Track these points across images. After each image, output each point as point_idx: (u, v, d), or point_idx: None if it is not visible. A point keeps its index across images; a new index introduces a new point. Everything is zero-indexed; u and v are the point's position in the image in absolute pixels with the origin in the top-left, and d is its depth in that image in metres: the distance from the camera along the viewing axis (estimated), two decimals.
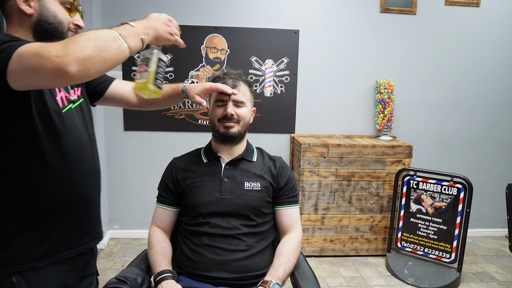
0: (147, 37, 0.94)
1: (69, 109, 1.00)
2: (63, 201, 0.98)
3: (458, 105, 2.98)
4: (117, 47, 0.84)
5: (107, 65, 0.83)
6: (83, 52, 0.77)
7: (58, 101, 0.97)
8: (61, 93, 0.99)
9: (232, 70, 1.31)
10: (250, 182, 1.27)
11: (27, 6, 0.92)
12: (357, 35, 2.82)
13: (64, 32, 0.98)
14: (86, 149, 1.04)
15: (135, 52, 0.91)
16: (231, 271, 1.18)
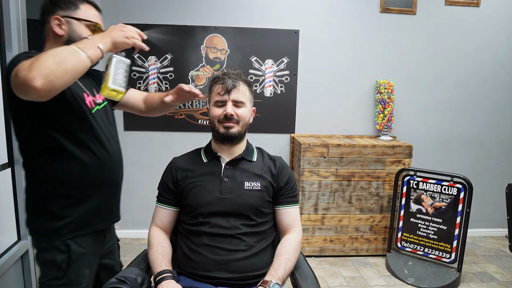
0: (104, 45, 1.05)
1: (96, 110, 1.22)
2: (100, 183, 1.22)
3: (458, 105, 2.98)
4: (75, 58, 0.98)
5: (69, 75, 0.97)
6: (42, 66, 0.91)
7: (87, 104, 1.19)
8: (89, 98, 1.21)
9: (231, 70, 1.31)
10: (250, 182, 1.27)
11: (59, 28, 1.14)
12: (357, 35, 2.82)
13: None
14: (113, 142, 1.27)
15: (96, 59, 1.04)
16: (231, 271, 1.18)
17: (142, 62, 2.72)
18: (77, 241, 1.18)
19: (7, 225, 1.47)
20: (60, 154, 1.14)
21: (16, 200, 1.52)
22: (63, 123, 1.13)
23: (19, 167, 1.50)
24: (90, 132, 1.18)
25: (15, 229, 1.52)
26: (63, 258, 1.15)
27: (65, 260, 1.16)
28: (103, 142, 1.21)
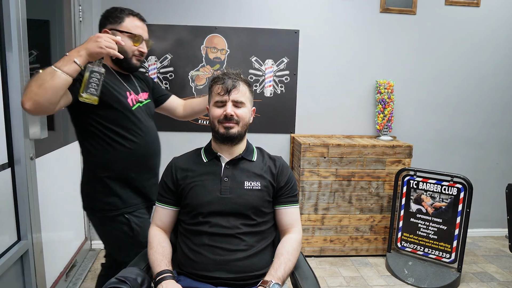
0: (80, 58, 1.19)
1: (137, 107, 1.46)
2: (145, 170, 1.48)
3: (458, 105, 2.98)
4: (52, 77, 1.15)
5: (50, 93, 1.15)
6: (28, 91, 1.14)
7: (129, 102, 1.42)
8: (131, 96, 1.44)
9: (231, 70, 1.31)
10: (250, 182, 1.27)
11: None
12: (357, 35, 2.82)
13: (128, 58, 1.41)
14: (152, 134, 1.51)
15: (74, 73, 1.19)
16: (231, 271, 1.18)
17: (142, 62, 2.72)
18: (133, 213, 1.44)
19: (7, 225, 1.47)
20: (105, 143, 1.38)
21: (16, 200, 1.52)
22: (105, 117, 1.37)
23: (19, 167, 1.50)
24: (131, 125, 1.41)
25: (15, 229, 1.52)
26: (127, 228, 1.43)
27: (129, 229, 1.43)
28: (143, 133, 1.45)
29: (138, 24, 1.42)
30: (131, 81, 1.51)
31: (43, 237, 1.70)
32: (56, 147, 2.06)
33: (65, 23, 2.28)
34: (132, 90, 1.47)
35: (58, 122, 2.15)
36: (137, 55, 1.44)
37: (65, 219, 2.24)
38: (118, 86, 1.41)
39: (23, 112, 1.47)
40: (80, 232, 2.54)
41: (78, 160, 2.47)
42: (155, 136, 1.55)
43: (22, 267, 1.56)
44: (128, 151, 1.41)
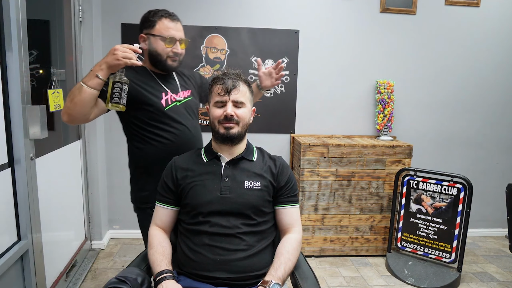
0: (101, 72, 1.29)
1: (173, 106, 1.50)
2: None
3: (458, 105, 2.98)
4: (79, 92, 1.28)
5: (79, 106, 1.30)
6: (64, 105, 1.33)
7: (162, 102, 1.47)
8: (167, 96, 1.50)
9: (231, 70, 1.31)
10: (250, 181, 1.27)
11: (144, 44, 1.47)
12: (357, 35, 2.82)
13: (162, 60, 1.47)
14: (187, 133, 1.53)
15: (98, 86, 1.30)
16: (231, 271, 1.18)
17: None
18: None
19: (7, 225, 1.47)
20: (141, 139, 1.48)
21: (16, 200, 1.52)
22: (139, 118, 1.47)
23: (19, 167, 1.50)
24: (164, 124, 1.47)
25: (15, 229, 1.52)
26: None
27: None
28: (177, 132, 1.49)
29: (170, 25, 1.45)
30: (171, 80, 1.56)
31: (43, 237, 1.70)
32: (56, 147, 2.06)
33: (65, 23, 2.28)
34: (170, 89, 1.52)
35: (58, 122, 2.15)
36: (171, 56, 1.47)
37: (65, 219, 2.24)
38: (153, 87, 1.48)
39: (23, 112, 1.48)
40: (80, 232, 2.54)
41: (78, 160, 2.47)
42: (191, 134, 1.55)
43: (22, 267, 1.56)
44: (159, 148, 1.47)
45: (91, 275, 2.36)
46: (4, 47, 1.42)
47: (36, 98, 1.66)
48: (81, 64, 2.45)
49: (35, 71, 1.86)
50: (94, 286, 2.23)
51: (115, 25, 2.65)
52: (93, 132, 2.58)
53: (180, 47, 1.49)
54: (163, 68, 1.51)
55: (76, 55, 2.40)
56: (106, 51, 2.68)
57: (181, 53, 1.51)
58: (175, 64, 1.51)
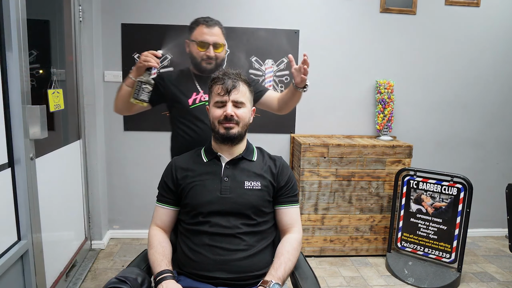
0: (132, 73, 1.53)
1: (200, 105, 1.63)
2: None
3: (458, 105, 2.98)
4: (120, 89, 1.59)
5: (120, 100, 1.59)
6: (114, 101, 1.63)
7: (189, 102, 1.63)
8: (198, 96, 1.64)
9: (231, 70, 1.31)
10: (250, 181, 1.27)
11: (187, 48, 1.68)
12: (357, 35, 2.82)
13: (197, 62, 1.63)
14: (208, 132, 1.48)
15: (131, 84, 1.53)
16: (231, 271, 1.18)
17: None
18: None
19: (7, 225, 1.47)
20: (174, 130, 1.71)
21: (16, 200, 1.52)
22: (172, 113, 1.70)
23: (19, 167, 1.50)
24: (188, 122, 1.63)
25: (15, 229, 1.52)
26: None
27: None
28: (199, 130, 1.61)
29: (205, 31, 1.59)
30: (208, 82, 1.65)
31: (43, 237, 1.70)
32: (56, 147, 2.06)
33: (65, 23, 2.28)
34: (203, 90, 1.65)
35: (58, 122, 2.15)
36: (205, 59, 1.60)
37: (65, 219, 2.24)
38: (188, 87, 1.66)
39: (23, 112, 1.48)
40: (80, 232, 2.54)
41: (78, 160, 2.47)
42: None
43: (22, 267, 1.56)
44: (182, 143, 1.63)
45: (91, 275, 2.36)
46: (4, 47, 1.42)
47: (36, 98, 1.66)
48: (81, 64, 2.45)
49: (35, 71, 1.86)
50: (94, 286, 2.23)
51: (115, 25, 2.65)
52: (93, 132, 2.58)
53: (215, 51, 1.60)
54: (200, 70, 1.64)
55: (76, 55, 2.40)
56: (106, 51, 2.70)
57: (217, 57, 1.62)
58: (209, 67, 1.62)
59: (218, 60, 1.63)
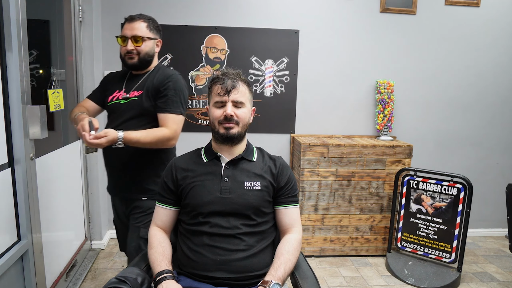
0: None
1: (116, 103, 1.59)
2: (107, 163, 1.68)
3: (458, 105, 2.98)
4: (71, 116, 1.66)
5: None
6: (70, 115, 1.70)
7: (109, 98, 1.63)
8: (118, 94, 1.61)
9: (231, 70, 1.31)
10: (250, 182, 1.27)
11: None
12: (357, 35, 2.82)
13: (122, 58, 1.60)
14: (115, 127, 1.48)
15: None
16: (231, 271, 1.18)
17: None
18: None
19: (7, 225, 1.47)
20: None
21: (16, 200, 1.52)
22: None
23: (19, 167, 1.50)
24: (109, 119, 1.62)
25: (15, 229, 1.52)
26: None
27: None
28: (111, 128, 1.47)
29: (126, 26, 1.58)
30: (137, 80, 1.62)
31: (43, 237, 1.70)
32: (56, 147, 2.06)
33: (65, 23, 2.28)
34: (127, 87, 1.61)
35: (58, 122, 2.15)
36: (127, 54, 1.56)
37: (65, 219, 2.24)
38: (114, 85, 1.65)
39: (23, 112, 1.47)
40: (80, 232, 2.54)
41: (78, 160, 2.47)
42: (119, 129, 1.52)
43: (22, 267, 1.56)
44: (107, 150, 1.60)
45: (91, 275, 2.36)
46: (4, 47, 1.42)
47: (36, 98, 1.66)
48: (81, 64, 2.45)
49: (35, 71, 1.87)
50: (94, 286, 2.23)
51: (115, 25, 2.65)
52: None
53: (135, 45, 1.55)
54: (126, 66, 1.61)
55: (76, 55, 2.40)
56: (106, 51, 2.70)
57: (138, 50, 1.56)
58: (131, 61, 1.57)
59: (142, 54, 1.57)
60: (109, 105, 1.62)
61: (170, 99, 1.55)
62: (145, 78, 1.61)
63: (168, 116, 1.55)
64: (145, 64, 1.61)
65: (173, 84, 1.56)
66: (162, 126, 1.55)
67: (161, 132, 1.52)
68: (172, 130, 1.56)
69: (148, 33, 1.58)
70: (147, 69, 1.64)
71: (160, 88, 1.56)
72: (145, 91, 1.57)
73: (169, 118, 1.55)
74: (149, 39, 1.59)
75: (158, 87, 1.56)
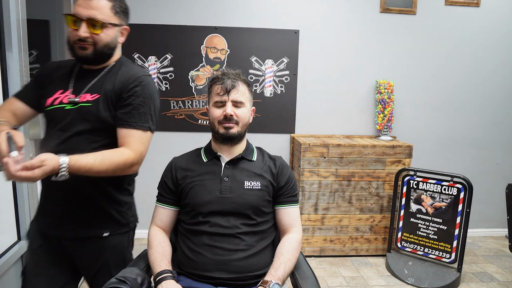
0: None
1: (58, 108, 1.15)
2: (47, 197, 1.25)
3: (458, 105, 2.98)
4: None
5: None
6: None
7: (48, 101, 1.17)
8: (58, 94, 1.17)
9: (231, 70, 1.31)
10: (250, 181, 1.27)
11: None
12: (357, 35, 2.82)
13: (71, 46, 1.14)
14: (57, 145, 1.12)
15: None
16: (230, 271, 1.18)
17: (142, 62, 2.72)
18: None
19: (7, 225, 1.47)
20: None
21: (16, 201, 1.52)
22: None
23: None
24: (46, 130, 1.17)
25: (15, 229, 1.52)
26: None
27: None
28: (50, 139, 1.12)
29: (79, 2, 1.11)
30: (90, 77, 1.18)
31: None
32: None
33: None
34: (76, 87, 1.17)
35: None
36: (77, 42, 1.11)
37: None
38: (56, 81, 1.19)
39: None
40: None
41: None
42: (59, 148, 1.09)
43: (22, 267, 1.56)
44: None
45: None
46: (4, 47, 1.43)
47: None
48: None
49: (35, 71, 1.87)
50: None
51: None
52: None
53: (91, 31, 1.10)
54: (76, 58, 1.15)
55: None
56: None
57: (95, 40, 1.12)
58: (84, 53, 1.12)
59: (99, 46, 1.13)
60: (48, 111, 1.16)
61: (136, 109, 1.15)
62: (102, 76, 1.18)
63: (132, 133, 1.14)
64: (102, 58, 1.17)
65: (141, 90, 1.16)
66: (122, 145, 1.14)
67: (121, 156, 1.11)
68: (136, 153, 1.14)
69: (111, 16, 1.14)
70: (106, 63, 1.20)
71: (123, 93, 1.15)
72: (103, 95, 1.15)
73: (133, 136, 1.14)
74: (112, 26, 1.14)
75: (120, 92, 1.15)
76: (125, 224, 1.29)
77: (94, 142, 1.14)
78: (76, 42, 1.11)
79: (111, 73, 1.19)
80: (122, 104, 1.15)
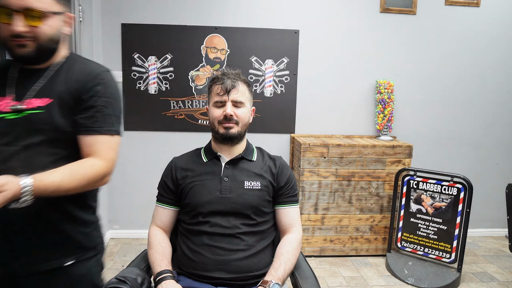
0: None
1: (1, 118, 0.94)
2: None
3: (458, 105, 2.98)
4: None
5: None
6: None
7: None
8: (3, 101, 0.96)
9: (231, 70, 1.31)
10: (250, 181, 1.27)
11: None
12: (357, 35, 2.82)
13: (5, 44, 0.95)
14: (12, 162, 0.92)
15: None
16: (230, 271, 1.18)
17: (142, 62, 2.72)
18: None
19: None
20: None
21: None
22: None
23: None
24: None
25: None
26: None
27: None
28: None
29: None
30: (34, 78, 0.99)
31: None
32: None
33: None
34: (18, 91, 0.98)
35: None
36: (13, 39, 0.93)
37: None
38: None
39: None
40: None
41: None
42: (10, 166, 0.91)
43: None
44: None
45: None
46: None
47: None
48: None
49: None
50: None
51: (115, 25, 2.66)
52: None
53: (28, 23, 0.91)
54: (14, 58, 0.97)
55: None
56: (106, 51, 2.70)
57: (35, 34, 0.93)
58: (25, 51, 0.94)
59: (42, 40, 0.94)
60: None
61: (100, 111, 1.00)
62: (52, 77, 1.00)
63: (99, 140, 0.99)
64: (47, 54, 0.99)
65: (103, 88, 1.01)
66: (89, 154, 0.99)
67: (92, 168, 0.96)
68: (108, 161, 1.00)
69: (52, 4, 0.95)
70: (51, 60, 1.01)
71: (82, 94, 0.98)
72: (57, 98, 0.97)
73: (101, 143, 1.00)
74: (54, 15, 0.95)
75: (78, 93, 0.98)
76: (91, 248, 1.07)
77: (50, 155, 0.96)
78: (11, 39, 0.92)
79: (62, 72, 1.01)
80: (83, 107, 0.98)
